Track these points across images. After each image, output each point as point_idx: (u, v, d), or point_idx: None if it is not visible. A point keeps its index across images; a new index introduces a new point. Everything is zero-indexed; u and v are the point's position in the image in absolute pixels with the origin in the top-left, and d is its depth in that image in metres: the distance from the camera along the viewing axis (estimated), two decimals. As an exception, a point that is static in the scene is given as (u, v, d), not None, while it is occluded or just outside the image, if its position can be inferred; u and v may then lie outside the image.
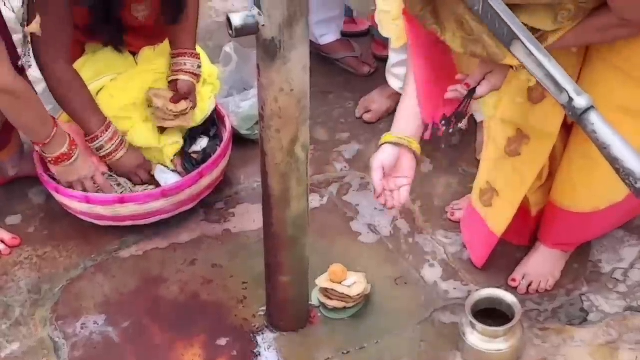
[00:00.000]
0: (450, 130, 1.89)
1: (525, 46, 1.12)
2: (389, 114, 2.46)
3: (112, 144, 2.05)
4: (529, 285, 1.96)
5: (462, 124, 1.94)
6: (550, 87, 1.10)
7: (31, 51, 1.95)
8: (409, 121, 1.76)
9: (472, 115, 2.37)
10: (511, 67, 1.67)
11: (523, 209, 1.97)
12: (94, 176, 2.05)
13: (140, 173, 2.12)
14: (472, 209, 2.04)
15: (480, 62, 1.71)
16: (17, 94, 1.84)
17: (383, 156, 1.72)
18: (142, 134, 2.11)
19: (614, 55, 1.71)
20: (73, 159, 1.97)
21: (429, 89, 1.79)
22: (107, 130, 2.05)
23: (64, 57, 1.99)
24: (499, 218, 1.95)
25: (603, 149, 1.05)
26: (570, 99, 1.07)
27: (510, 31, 1.13)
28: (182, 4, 2.26)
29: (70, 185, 2.04)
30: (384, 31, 2.21)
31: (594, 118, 1.06)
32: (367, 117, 2.54)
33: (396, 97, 2.36)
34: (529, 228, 2.02)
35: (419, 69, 1.79)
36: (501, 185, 1.94)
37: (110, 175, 2.13)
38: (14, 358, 1.80)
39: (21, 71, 1.96)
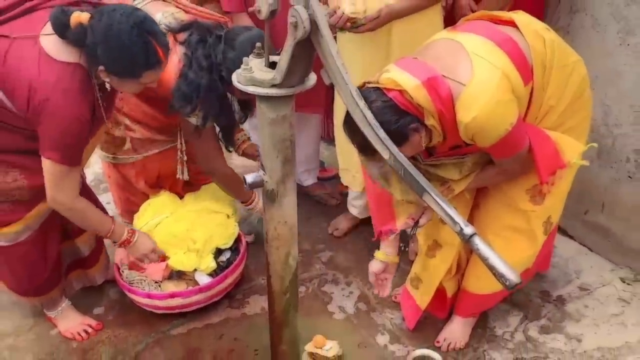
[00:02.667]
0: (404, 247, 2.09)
1: (431, 196, 1.12)
2: (351, 231, 2.50)
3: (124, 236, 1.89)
4: (449, 345, 1.95)
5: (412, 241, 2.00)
6: (449, 221, 1.09)
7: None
8: (391, 244, 1.86)
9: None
10: None
11: (442, 293, 1.96)
12: (154, 250, 1.96)
13: (150, 256, 1.96)
14: (406, 291, 2.02)
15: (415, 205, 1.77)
16: (78, 210, 1.76)
17: (377, 266, 1.86)
18: (180, 260, 2.03)
19: (498, 191, 1.75)
20: (133, 241, 1.89)
21: (378, 214, 1.86)
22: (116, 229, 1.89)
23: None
24: (422, 297, 1.95)
25: (484, 260, 1.06)
26: (461, 229, 1.07)
27: (420, 187, 1.13)
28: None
29: (140, 260, 1.97)
30: (344, 181, 2.38)
31: (476, 240, 1.06)
32: (336, 233, 2.53)
33: (355, 219, 2.49)
34: (447, 305, 1.99)
35: (371, 202, 1.89)
36: (424, 276, 1.94)
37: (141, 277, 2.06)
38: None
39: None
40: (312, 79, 1.37)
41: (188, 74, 1.77)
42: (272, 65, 1.34)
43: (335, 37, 1.63)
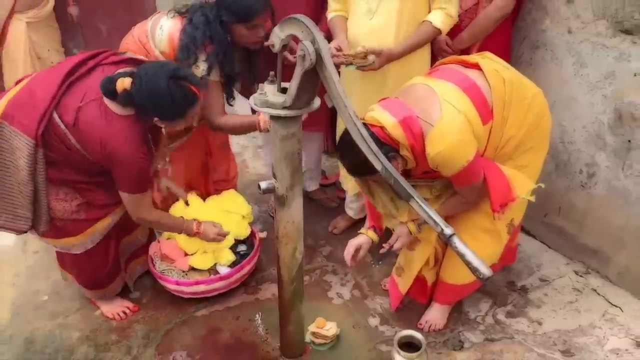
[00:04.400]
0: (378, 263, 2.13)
1: (417, 201, 1.13)
2: (348, 229, 2.47)
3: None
4: (429, 326, 1.94)
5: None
6: (432, 223, 1.11)
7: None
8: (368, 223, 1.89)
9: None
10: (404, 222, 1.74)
11: (423, 282, 1.95)
12: (219, 232, 1.95)
13: (218, 238, 1.95)
14: (392, 278, 2.02)
15: (394, 232, 1.78)
16: (155, 221, 1.86)
17: (357, 240, 1.81)
18: (199, 261, 2.03)
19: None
20: (202, 231, 1.91)
21: (370, 212, 1.88)
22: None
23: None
24: (404, 283, 1.95)
25: (461, 256, 1.07)
26: (442, 230, 1.09)
27: (407, 193, 1.15)
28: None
29: (213, 239, 1.96)
30: (344, 186, 2.38)
31: (455, 240, 1.08)
32: (335, 231, 2.50)
33: (351, 219, 2.48)
34: (427, 293, 1.98)
35: (366, 203, 1.88)
36: (405, 266, 1.94)
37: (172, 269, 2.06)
38: (133, 380, 1.77)
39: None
40: (317, 102, 1.38)
41: (186, 29, 1.80)
42: (284, 90, 1.36)
43: (339, 71, 1.62)
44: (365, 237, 1.81)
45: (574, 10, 1.94)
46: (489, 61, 1.64)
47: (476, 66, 1.61)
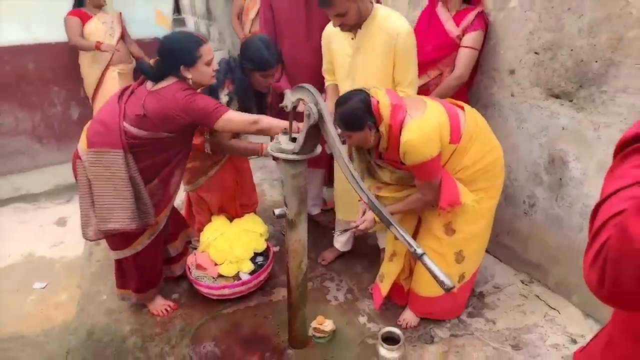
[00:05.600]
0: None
1: (396, 228, 1.12)
2: (334, 261, 2.38)
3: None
4: (406, 324, 1.93)
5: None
6: (406, 244, 1.09)
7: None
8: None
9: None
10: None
11: (401, 288, 1.95)
12: None
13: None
14: (376, 284, 2.01)
15: (361, 216, 1.72)
16: (233, 146, 1.85)
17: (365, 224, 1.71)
18: (225, 269, 2.01)
19: (425, 223, 1.75)
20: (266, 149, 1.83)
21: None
22: None
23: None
24: (384, 287, 1.93)
25: (430, 270, 1.05)
26: (415, 250, 1.07)
27: (387, 221, 1.14)
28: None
29: None
30: (338, 215, 2.30)
31: (425, 258, 1.06)
32: (323, 262, 2.35)
33: (337, 252, 2.36)
34: (404, 296, 1.96)
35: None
36: (386, 274, 1.94)
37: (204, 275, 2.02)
38: (172, 364, 1.78)
39: None
40: (319, 149, 1.42)
41: (217, 76, 1.80)
42: (293, 139, 1.41)
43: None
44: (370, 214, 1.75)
45: (515, 80, 2.01)
46: (472, 109, 1.66)
47: (461, 107, 1.63)
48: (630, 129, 0.55)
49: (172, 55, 1.58)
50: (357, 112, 1.42)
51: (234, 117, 1.62)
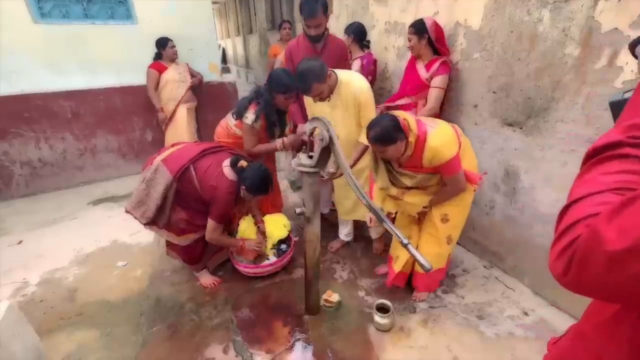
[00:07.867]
0: None
1: (387, 224, 1.05)
2: (340, 249, 2.32)
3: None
4: (418, 298, 1.86)
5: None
6: (395, 236, 1.04)
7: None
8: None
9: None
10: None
11: (404, 273, 1.85)
12: (256, 244, 1.91)
13: (256, 248, 1.93)
14: (390, 264, 1.90)
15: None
16: (215, 239, 1.79)
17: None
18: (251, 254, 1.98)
19: (429, 215, 1.68)
20: (246, 246, 1.91)
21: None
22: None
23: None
24: (396, 266, 1.84)
25: (413, 255, 1.00)
26: (401, 240, 1.03)
27: (381, 219, 1.07)
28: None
29: (251, 251, 1.92)
30: (339, 214, 2.19)
31: (409, 247, 1.02)
32: (331, 250, 2.31)
33: (342, 242, 2.27)
34: (405, 280, 1.89)
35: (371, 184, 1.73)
36: (398, 255, 1.84)
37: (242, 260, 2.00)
38: (218, 325, 1.76)
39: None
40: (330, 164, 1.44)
41: (242, 98, 1.84)
42: (310, 157, 1.40)
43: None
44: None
45: (478, 112, 1.98)
46: (464, 138, 1.60)
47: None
48: (600, 138, 0.49)
49: (248, 182, 1.66)
50: (390, 129, 1.38)
51: (212, 225, 1.72)
